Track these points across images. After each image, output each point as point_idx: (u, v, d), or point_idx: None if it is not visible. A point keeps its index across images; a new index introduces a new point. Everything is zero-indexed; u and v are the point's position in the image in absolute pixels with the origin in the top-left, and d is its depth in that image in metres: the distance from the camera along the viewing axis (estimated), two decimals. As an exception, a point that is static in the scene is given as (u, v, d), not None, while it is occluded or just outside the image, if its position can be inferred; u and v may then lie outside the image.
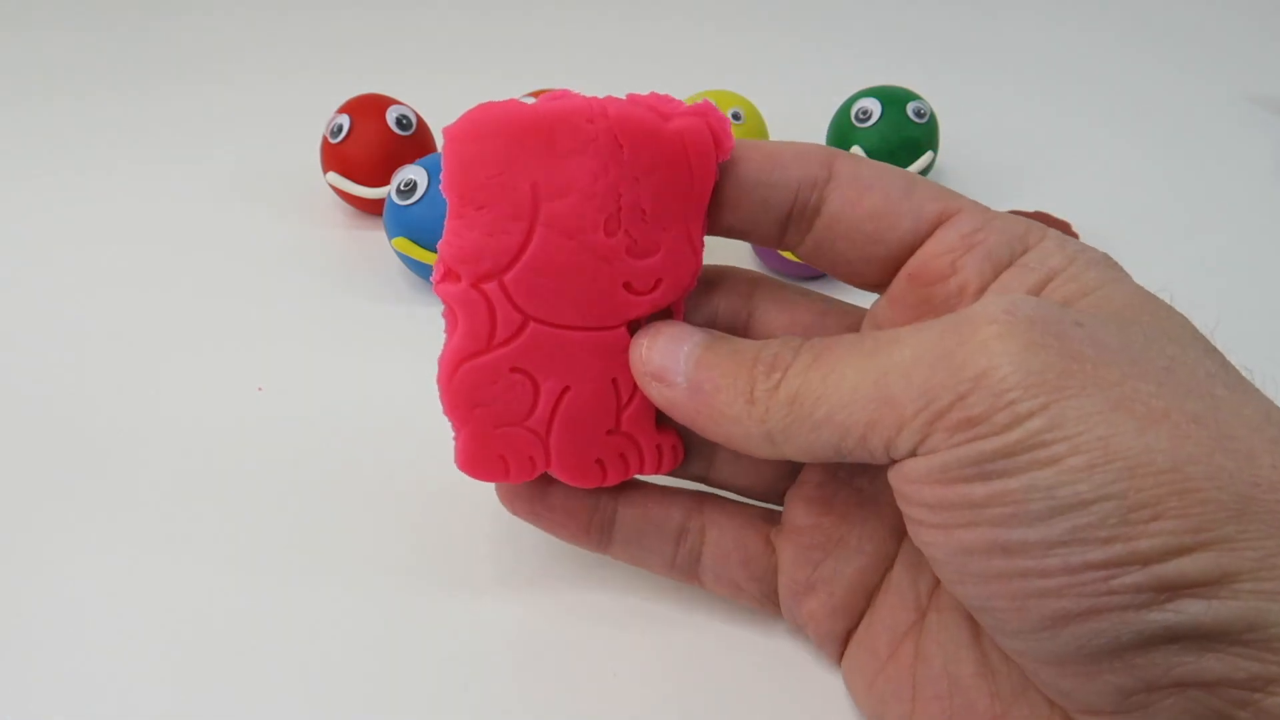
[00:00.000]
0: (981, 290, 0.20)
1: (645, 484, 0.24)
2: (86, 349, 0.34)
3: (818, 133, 0.41)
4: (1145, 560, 0.15)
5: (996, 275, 0.20)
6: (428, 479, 0.28)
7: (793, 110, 0.43)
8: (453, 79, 0.51)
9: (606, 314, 0.21)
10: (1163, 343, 0.18)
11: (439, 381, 0.21)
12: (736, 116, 0.39)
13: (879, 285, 0.22)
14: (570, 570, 0.27)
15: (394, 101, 0.39)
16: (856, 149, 0.39)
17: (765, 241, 0.22)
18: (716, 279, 0.23)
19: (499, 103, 0.20)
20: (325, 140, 0.38)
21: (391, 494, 0.29)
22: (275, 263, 0.38)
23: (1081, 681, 0.17)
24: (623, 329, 0.21)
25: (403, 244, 0.34)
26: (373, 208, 0.39)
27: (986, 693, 0.20)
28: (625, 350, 0.22)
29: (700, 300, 0.23)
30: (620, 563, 0.25)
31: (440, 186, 0.21)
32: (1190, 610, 0.16)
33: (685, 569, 0.24)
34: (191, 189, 0.43)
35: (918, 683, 0.21)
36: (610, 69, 0.52)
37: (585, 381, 0.22)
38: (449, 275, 0.21)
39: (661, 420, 0.23)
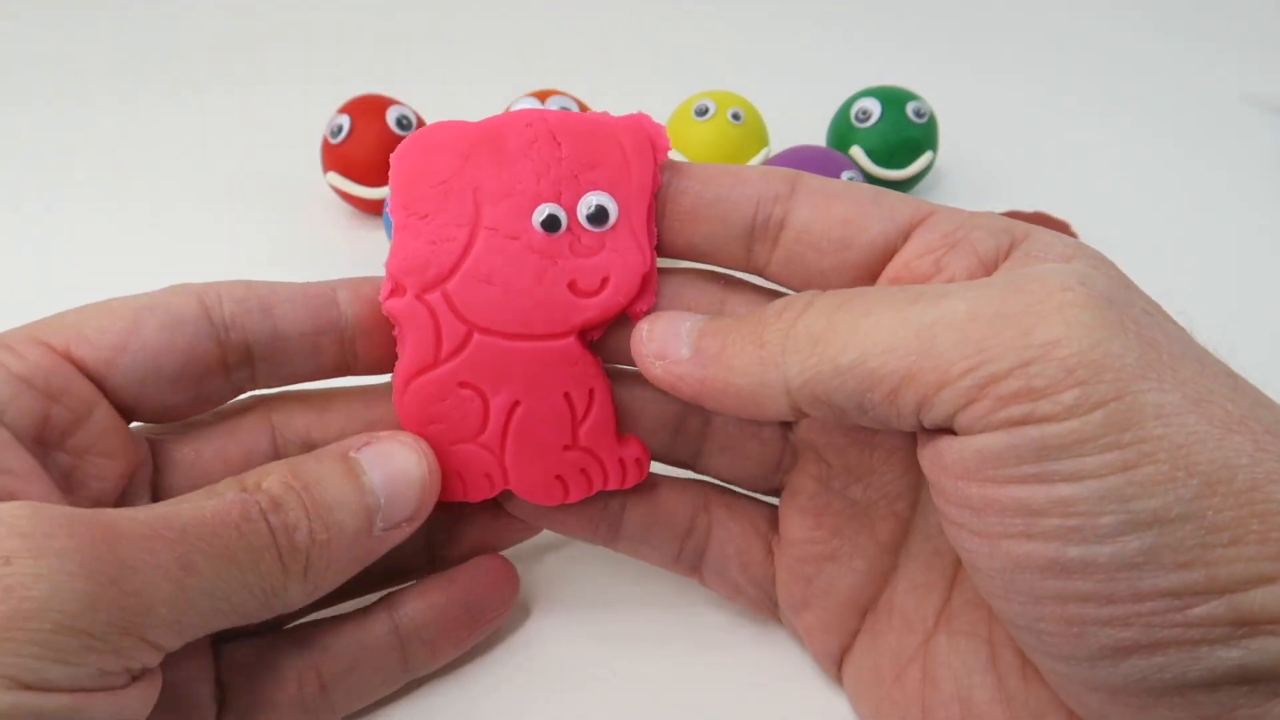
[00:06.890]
0: None
1: (654, 478, 0.24)
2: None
3: (818, 133, 0.41)
4: (1224, 589, 0.14)
5: (987, 272, 0.19)
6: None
7: (793, 110, 0.43)
8: (453, 80, 0.51)
9: (553, 319, 0.21)
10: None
11: (394, 400, 0.21)
12: (736, 116, 0.38)
13: None
14: (571, 568, 0.27)
15: (394, 102, 0.39)
16: (856, 149, 0.39)
17: (730, 263, 0.21)
18: (686, 283, 0.22)
19: (445, 123, 0.21)
20: (325, 140, 0.38)
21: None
22: (275, 263, 0.38)
23: (1132, 714, 0.16)
24: (572, 339, 0.21)
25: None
26: (373, 208, 0.39)
27: (1003, 719, 0.19)
28: (576, 362, 0.21)
29: (669, 305, 0.22)
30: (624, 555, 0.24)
31: (388, 208, 0.21)
32: (1269, 649, 0.14)
33: (689, 564, 0.24)
34: (192, 189, 0.43)
35: (927, 707, 0.20)
36: (610, 69, 0.52)
37: (536, 396, 0.21)
38: (395, 290, 0.21)
39: (623, 433, 0.22)
